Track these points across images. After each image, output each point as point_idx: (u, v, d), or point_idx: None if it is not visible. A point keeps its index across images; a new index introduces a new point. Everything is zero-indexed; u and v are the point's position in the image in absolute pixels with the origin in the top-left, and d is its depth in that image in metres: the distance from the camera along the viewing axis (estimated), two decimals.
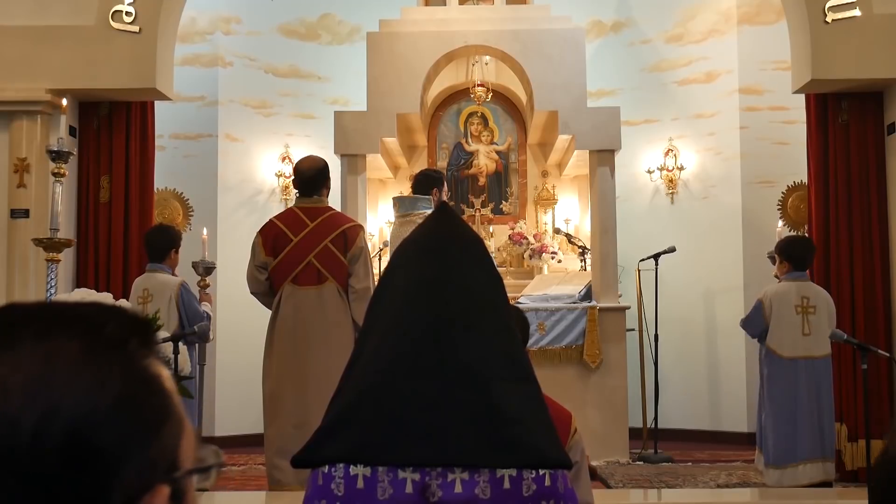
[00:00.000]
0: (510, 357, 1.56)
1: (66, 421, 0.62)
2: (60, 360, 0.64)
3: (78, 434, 0.62)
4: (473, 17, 7.96)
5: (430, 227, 1.68)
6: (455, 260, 1.61)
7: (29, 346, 0.64)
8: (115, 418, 0.64)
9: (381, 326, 1.60)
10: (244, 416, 7.86)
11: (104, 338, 0.66)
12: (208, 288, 6.28)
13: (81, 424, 0.62)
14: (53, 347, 0.64)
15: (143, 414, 0.67)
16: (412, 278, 1.60)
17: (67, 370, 0.63)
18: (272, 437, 4.99)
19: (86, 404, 0.63)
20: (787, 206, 8.19)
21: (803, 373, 5.76)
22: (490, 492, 1.46)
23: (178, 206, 8.33)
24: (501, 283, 1.67)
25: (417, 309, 1.56)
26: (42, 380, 0.62)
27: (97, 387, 0.64)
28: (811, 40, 6.35)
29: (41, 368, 0.63)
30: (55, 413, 0.61)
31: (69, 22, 6.40)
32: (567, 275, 8.08)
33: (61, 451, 0.61)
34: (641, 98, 8.87)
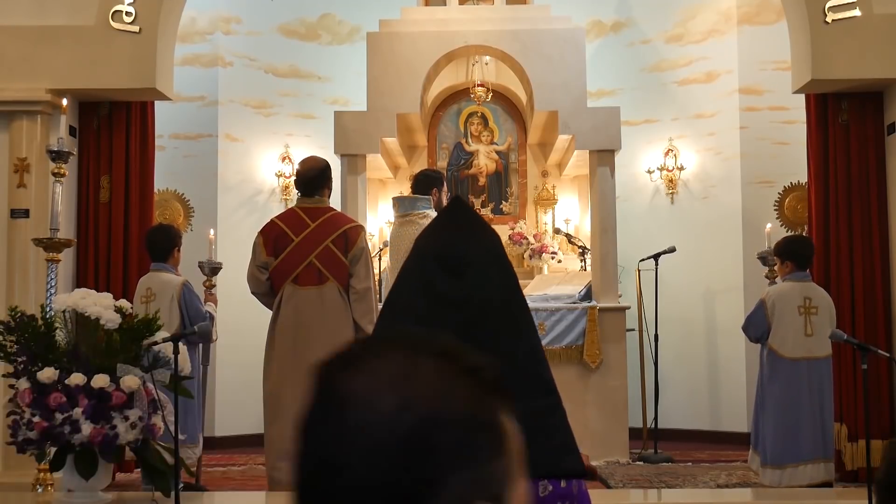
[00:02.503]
0: (526, 371, 1.56)
1: (418, 413, 0.71)
2: (422, 368, 0.75)
3: (424, 426, 0.71)
4: (473, 17, 7.96)
5: (447, 233, 1.67)
6: (473, 271, 1.60)
7: (401, 355, 0.76)
8: (456, 427, 0.73)
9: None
10: (244, 416, 7.86)
11: (461, 364, 0.76)
12: (214, 288, 6.28)
13: (429, 420, 0.71)
14: (418, 360, 0.75)
15: (479, 437, 0.75)
16: (431, 289, 1.59)
17: (427, 377, 0.74)
18: (273, 437, 4.99)
19: (436, 406, 0.72)
20: (783, 206, 8.20)
21: (805, 373, 5.77)
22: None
23: (178, 206, 8.33)
24: (518, 289, 1.66)
25: (432, 324, 1.55)
26: (405, 377, 0.73)
27: (448, 396, 0.73)
28: (811, 40, 6.35)
29: (405, 370, 0.74)
30: (410, 403, 0.71)
31: (69, 22, 6.40)
32: (567, 275, 8.08)
33: (407, 437, 0.71)
34: (641, 98, 8.87)
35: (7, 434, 4.49)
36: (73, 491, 4.47)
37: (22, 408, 4.28)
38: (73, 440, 4.19)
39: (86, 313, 4.34)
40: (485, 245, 1.66)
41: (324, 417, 0.74)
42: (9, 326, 4.41)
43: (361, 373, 0.74)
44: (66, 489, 4.66)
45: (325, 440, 0.73)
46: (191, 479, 5.53)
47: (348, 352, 0.78)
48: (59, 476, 4.78)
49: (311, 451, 0.75)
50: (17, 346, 4.39)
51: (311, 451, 0.74)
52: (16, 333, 4.40)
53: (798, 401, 5.73)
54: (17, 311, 4.47)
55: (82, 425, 4.18)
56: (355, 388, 0.73)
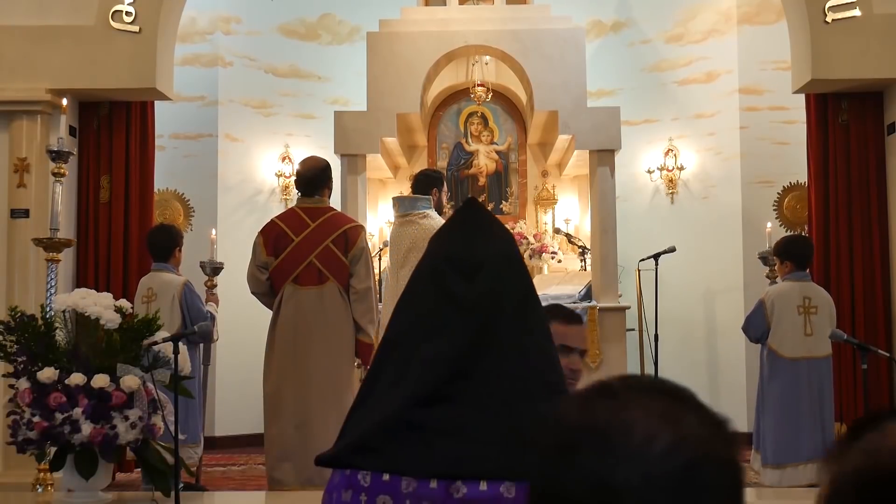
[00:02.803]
0: (538, 375, 1.56)
1: (690, 451, 0.78)
2: (688, 411, 0.82)
3: (697, 464, 0.79)
4: (473, 17, 7.95)
5: (461, 234, 1.66)
6: (486, 273, 1.59)
7: (666, 397, 0.83)
8: (722, 467, 0.81)
9: (410, 341, 1.59)
10: (244, 416, 7.86)
11: (711, 416, 0.84)
12: (215, 288, 6.28)
13: (701, 458, 0.79)
14: (682, 403, 0.83)
15: (739, 478, 0.84)
16: (444, 292, 1.58)
17: (693, 420, 0.81)
18: (273, 437, 4.99)
19: (706, 447, 0.80)
20: (783, 206, 8.20)
21: (805, 373, 5.76)
22: (515, 491, 1.47)
23: (179, 206, 8.33)
24: (533, 292, 1.65)
25: (447, 329, 1.55)
26: (676, 418, 0.80)
27: (714, 440, 0.81)
28: (811, 40, 6.35)
29: (675, 411, 0.81)
30: (683, 442, 0.78)
31: (69, 22, 6.40)
32: (567, 275, 8.08)
33: (683, 472, 0.78)
34: (641, 98, 8.87)
35: (7, 434, 4.49)
36: (73, 491, 4.47)
37: (22, 408, 4.28)
38: (73, 440, 4.19)
39: (86, 313, 4.34)
40: (499, 247, 1.66)
41: (597, 440, 0.79)
42: (9, 326, 4.40)
43: (635, 407, 0.80)
44: (66, 489, 4.66)
45: (604, 462, 0.78)
46: (191, 479, 5.53)
47: (607, 385, 0.85)
48: (59, 476, 4.78)
49: (585, 469, 0.78)
50: (17, 346, 4.39)
51: (586, 469, 0.78)
52: (16, 333, 4.39)
53: (798, 401, 5.73)
54: (17, 311, 4.47)
55: (82, 425, 4.18)
56: (631, 419, 0.79)
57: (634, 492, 0.76)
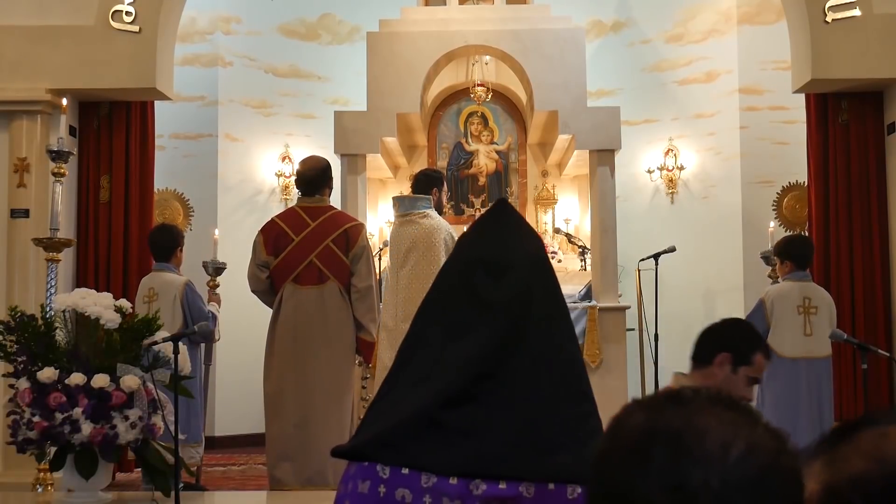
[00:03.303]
0: (562, 377, 1.56)
1: (761, 460, 0.82)
2: (756, 422, 0.86)
3: (768, 471, 0.82)
4: (473, 17, 7.95)
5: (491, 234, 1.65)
6: (515, 276, 1.59)
7: (733, 410, 0.86)
8: (790, 477, 0.84)
9: (437, 339, 1.58)
10: (244, 416, 7.86)
11: (775, 429, 0.87)
12: (218, 288, 6.28)
13: (770, 467, 0.83)
14: (747, 416, 0.86)
15: (802, 489, 0.87)
16: (472, 292, 1.58)
17: (762, 430, 0.85)
18: (273, 436, 4.99)
19: (774, 457, 0.83)
20: (782, 205, 8.20)
21: (804, 373, 5.76)
22: (534, 491, 1.47)
23: (178, 206, 8.33)
24: (560, 295, 1.64)
25: (472, 329, 1.55)
26: (746, 425, 0.84)
27: (781, 450, 0.85)
28: (811, 40, 6.35)
29: (746, 421, 0.85)
30: (755, 450, 0.82)
31: (69, 22, 6.40)
32: (567, 275, 8.08)
33: (756, 475, 0.81)
34: (641, 98, 8.87)
35: (7, 434, 4.49)
36: (73, 491, 4.47)
37: (22, 408, 4.28)
38: (73, 440, 4.19)
39: (86, 313, 4.34)
40: (529, 250, 1.65)
41: (672, 444, 0.82)
42: (9, 326, 4.40)
43: (707, 415, 0.84)
44: (66, 489, 4.66)
45: (679, 465, 0.81)
46: (191, 478, 5.53)
47: (675, 393, 0.89)
48: (59, 476, 4.78)
49: (661, 472, 0.81)
50: (17, 346, 4.39)
51: (662, 471, 0.81)
52: (16, 333, 4.39)
53: (797, 400, 5.73)
54: (17, 311, 4.47)
55: (82, 425, 4.17)
56: (706, 425, 0.83)
57: (712, 495, 0.79)
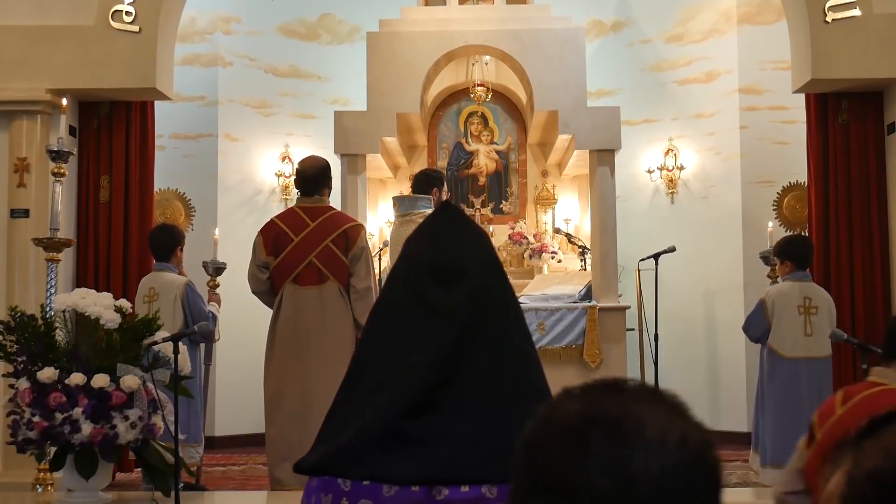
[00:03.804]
0: (519, 378, 1.55)
1: (695, 445, 0.86)
2: (684, 412, 0.89)
3: (699, 458, 0.86)
4: (473, 16, 7.96)
5: (438, 238, 1.65)
6: (467, 278, 1.58)
7: (665, 400, 0.90)
8: (718, 464, 0.88)
9: (390, 348, 1.58)
10: (244, 416, 7.86)
11: (698, 420, 0.90)
12: (218, 288, 6.28)
13: (701, 453, 0.86)
14: (677, 406, 0.90)
15: (720, 477, 0.90)
16: (423, 299, 1.57)
17: (691, 420, 0.89)
18: (273, 436, 4.99)
19: (703, 444, 0.87)
20: (782, 205, 8.20)
21: (804, 373, 5.76)
22: (497, 492, 1.47)
23: (179, 206, 8.33)
24: (513, 297, 1.64)
25: (424, 337, 1.55)
26: (678, 414, 0.88)
27: (706, 438, 0.88)
28: (811, 40, 6.35)
29: (675, 409, 0.89)
30: (688, 439, 0.86)
31: (69, 22, 6.40)
32: (567, 274, 8.08)
33: (690, 461, 0.85)
34: (641, 98, 8.87)
35: (7, 434, 4.49)
36: (73, 491, 4.47)
37: (22, 408, 4.28)
38: (73, 440, 4.19)
39: (86, 313, 4.35)
40: (477, 252, 1.64)
41: (611, 432, 0.85)
42: (9, 326, 4.41)
43: (643, 403, 0.87)
44: (66, 489, 4.67)
45: (619, 452, 0.84)
46: (191, 478, 5.53)
47: (610, 382, 0.91)
48: (59, 476, 4.78)
49: (600, 459, 0.83)
50: (17, 346, 4.39)
51: (601, 458, 0.83)
52: (16, 333, 4.40)
53: (797, 401, 5.73)
54: (17, 311, 4.47)
55: (82, 425, 4.18)
56: (643, 413, 0.86)
57: (651, 480, 0.82)
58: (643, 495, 0.82)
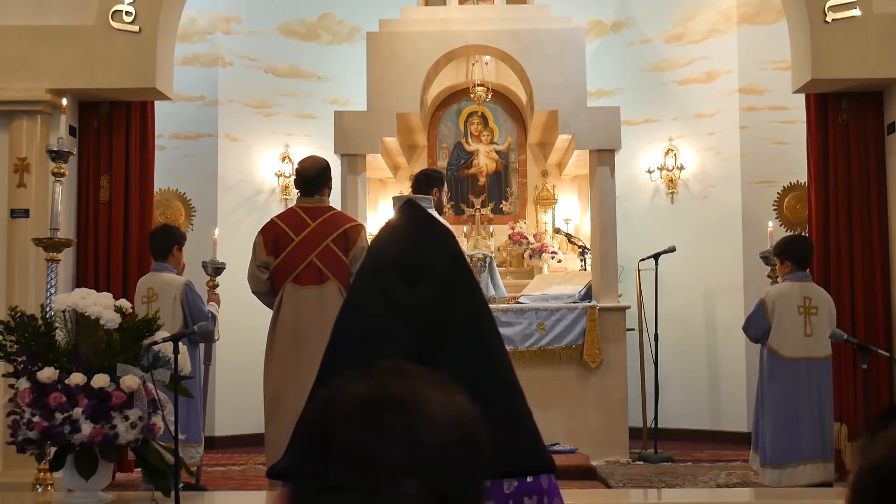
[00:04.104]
0: (489, 374, 1.55)
1: (473, 421, 0.94)
2: (458, 391, 0.96)
3: (476, 431, 0.94)
4: (473, 16, 7.96)
5: (401, 238, 1.65)
6: (432, 279, 1.58)
7: (442, 381, 0.97)
8: (485, 441, 0.96)
9: (358, 348, 1.58)
10: (244, 416, 7.86)
11: (466, 402, 0.97)
12: (217, 288, 6.28)
13: (477, 427, 0.94)
14: (452, 386, 0.98)
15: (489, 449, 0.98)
16: (389, 299, 1.57)
17: (467, 402, 0.96)
18: (273, 437, 4.98)
19: (477, 419, 0.95)
20: (783, 205, 8.20)
21: (804, 373, 5.76)
22: None
23: (180, 206, 8.33)
24: (480, 294, 1.64)
25: (392, 336, 1.55)
26: (454, 391, 0.96)
27: (478, 418, 0.97)
28: (811, 40, 6.35)
29: (451, 387, 0.97)
30: (467, 415, 0.94)
31: (69, 22, 6.40)
32: (567, 275, 8.09)
33: (470, 435, 0.93)
34: (641, 98, 8.87)
35: (7, 434, 4.49)
36: (73, 491, 4.47)
37: (22, 408, 4.28)
38: (73, 440, 4.19)
39: (86, 313, 4.34)
40: (441, 250, 1.64)
41: (400, 407, 0.91)
42: (9, 326, 4.41)
43: (426, 384, 0.94)
44: (66, 489, 4.66)
45: (410, 425, 0.90)
46: (191, 479, 5.53)
47: (392, 366, 0.97)
48: (59, 476, 4.78)
49: (393, 430, 0.90)
50: (17, 346, 4.39)
51: (393, 430, 0.90)
52: (16, 333, 4.39)
53: (797, 401, 5.73)
54: (17, 311, 4.47)
55: (82, 425, 4.18)
56: (427, 393, 0.93)
57: (440, 450, 0.89)
58: (434, 463, 0.89)
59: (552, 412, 6.91)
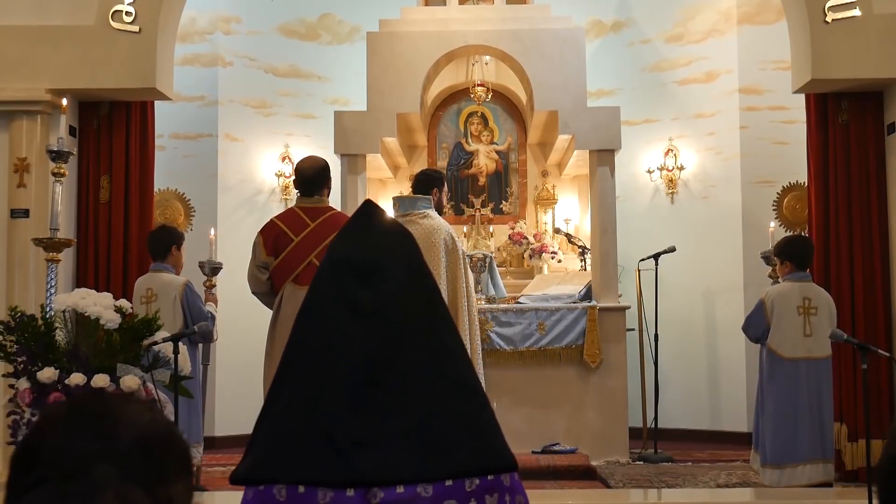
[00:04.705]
0: (449, 374, 1.55)
1: (164, 423, 1.06)
2: (155, 406, 1.08)
3: (169, 432, 1.06)
4: (473, 16, 7.96)
5: (357, 237, 1.65)
6: (386, 275, 1.58)
7: (141, 400, 1.13)
8: (179, 437, 1.08)
9: (314, 349, 1.59)
10: (244, 416, 7.84)
11: (158, 410, 1.11)
12: (214, 288, 6.28)
13: (171, 427, 1.07)
14: (132, 400, 1.10)
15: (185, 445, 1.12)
16: (343, 297, 1.58)
17: (157, 409, 1.02)
18: None
19: (169, 423, 1.08)
20: (782, 205, 8.20)
21: (804, 374, 5.76)
22: (432, 490, 1.47)
23: (179, 206, 8.33)
24: (437, 293, 1.64)
25: (350, 337, 1.55)
26: (149, 405, 1.08)
27: (169, 422, 1.10)
28: (811, 40, 6.35)
29: (136, 400, 1.10)
30: (158, 417, 1.06)
31: (69, 22, 6.40)
32: (567, 275, 8.08)
33: (164, 433, 1.04)
34: (641, 98, 8.87)
35: (7, 434, 4.49)
36: None
37: (22, 408, 4.28)
38: None
39: (86, 313, 4.34)
40: (396, 250, 1.64)
41: (98, 414, 1.03)
42: (9, 326, 4.40)
43: (122, 399, 1.07)
44: None
45: (105, 425, 1.01)
46: None
47: (98, 391, 1.15)
48: None
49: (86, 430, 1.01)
50: (17, 346, 4.39)
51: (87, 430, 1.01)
52: (16, 333, 4.39)
53: (796, 401, 5.73)
54: (17, 311, 4.47)
55: None
56: (122, 402, 1.05)
57: (133, 442, 1.00)
58: (126, 452, 0.99)
59: (552, 412, 6.91)
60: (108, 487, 0.97)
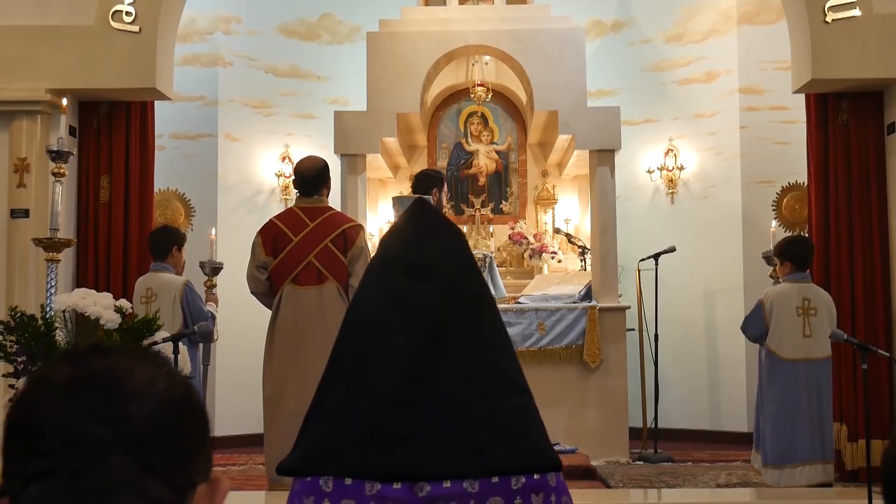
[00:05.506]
0: (496, 372, 1.56)
1: (180, 388, 0.98)
2: (164, 363, 1.00)
3: (186, 397, 0.98)
4: (473, 16, 7.95)
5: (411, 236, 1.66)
6: (439, 276, 1.59)
7: (145, 354, 1.01)
8: (200, 402, 1.02)
9: (364, 344, 1.59)
10: (244, 416, 7.86)
11: (173, 370, 1.02)
12: (215, 288, 6.29)
13: (186, 393, 0.99)
14: (156, 359, 1.01)
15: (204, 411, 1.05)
16: (395, 294, 1.59)
17: (170, 369, 1.00)
18: (272, 437, 4.99)
19: (186, 386, 1.00)
20: (781, 206, 8.20)
21: (804, 374, 5.76)
22: (478, 486, 1.48)
23: (179, 206, 8.33)
24: (487, 291, 1.65)
25: (398, 334, 1.56)
26: (159, 365, 0.99)
27: (186, 384, 1.02)
28: (811, 40, 6.35)
29: (155, 361, 1.00)
30: (174, 382, 0.98)
31: (69, 22, 6.40)
32: (567, 275, 8.08)
33: (180, 399, 0.97)
34: (641, 98, 8.87)
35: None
36: None
37: None
38: None
39: (86, 313, 4.34)
40: (449, 248, 1.66)
41: (103, 385, 0.94)
42: (9, 326, 4.40)
43: (129, 359, 0.97)
44: None
45: (113, 401, 0.93)
46: None
47: (93, 346, 0.99)
48: None
49: (96, 408, 0.92)
50: (17, 346, 4.39)
51: (97, 407, 0.92)
52: (16, 333, 4.39)
53: (796, 402, 5.73)
54: (17, 311, 4.46)
55: None
56: (130, 367, 0.96)
57: (147, 420, 0.92)
58: (140, 437, 0.91)
59: (552, 412, 6.90)
60: (126, 486, 0.89)
